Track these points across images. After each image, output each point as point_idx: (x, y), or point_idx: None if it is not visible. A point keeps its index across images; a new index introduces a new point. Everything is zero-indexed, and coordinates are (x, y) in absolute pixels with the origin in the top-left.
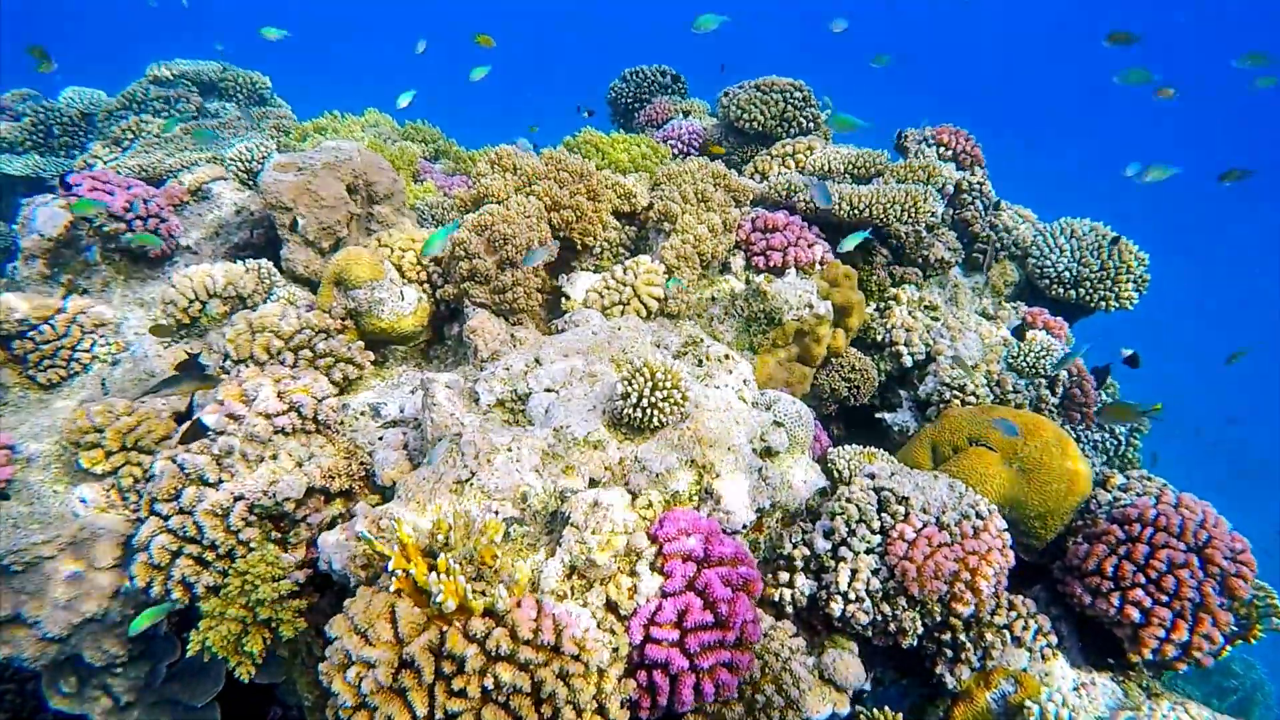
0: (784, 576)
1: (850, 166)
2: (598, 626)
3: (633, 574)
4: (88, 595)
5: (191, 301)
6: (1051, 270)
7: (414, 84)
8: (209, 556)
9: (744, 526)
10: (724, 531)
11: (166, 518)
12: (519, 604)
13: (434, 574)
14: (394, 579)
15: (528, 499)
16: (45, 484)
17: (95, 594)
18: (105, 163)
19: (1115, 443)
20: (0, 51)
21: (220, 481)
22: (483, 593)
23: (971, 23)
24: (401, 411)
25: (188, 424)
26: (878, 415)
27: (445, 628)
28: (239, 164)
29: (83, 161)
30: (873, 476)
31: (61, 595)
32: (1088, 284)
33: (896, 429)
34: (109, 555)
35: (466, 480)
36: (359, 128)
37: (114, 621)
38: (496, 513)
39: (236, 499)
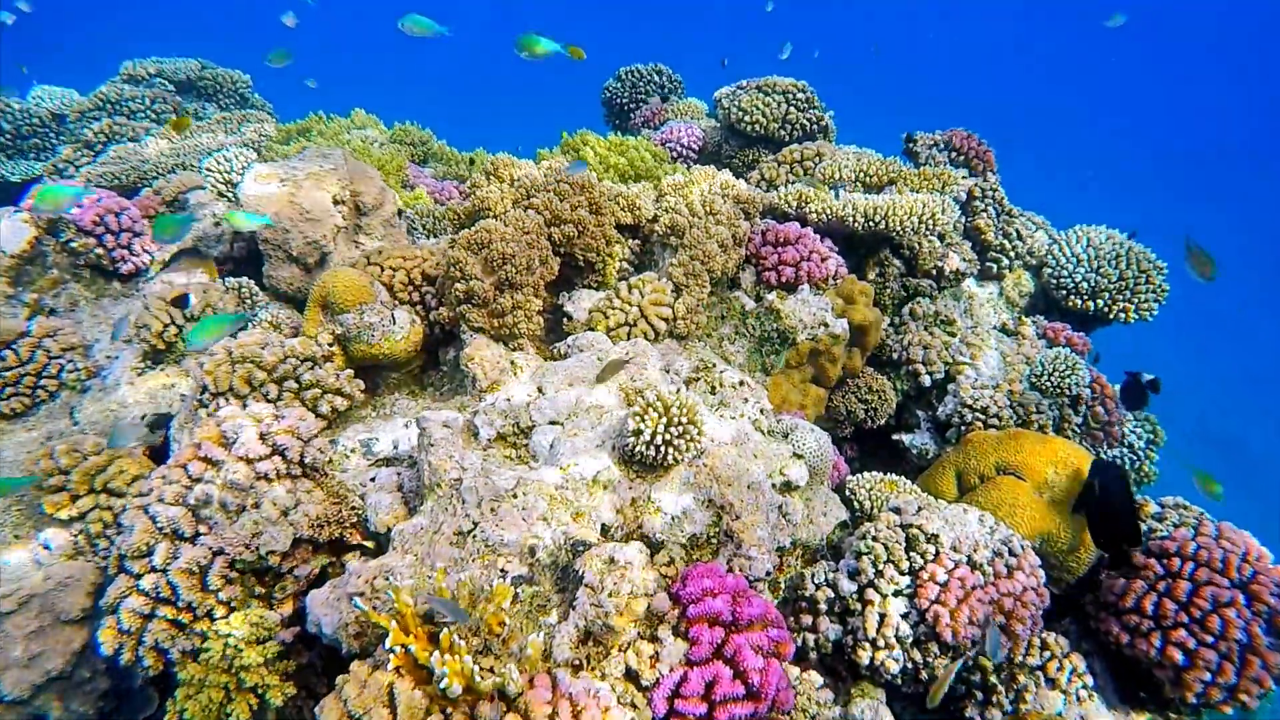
0: (806, 620)
1: (862, 175)
2: (617, 701)
3: (654, 639)
4: (52, 652)
5: (167, 326)
6: (1069, 281)
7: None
8: (185, 619)
9: (767, 574)
10: (746, 579)
11: (138, 576)
12: (531, 683)
13: (436, 652)
14: (392, 655)
15: (536, 553)
16: (6, 529)
17: (61, 650)
18: (77, 168)
19: (1134, 458)
20: None
21: (198, 535)
22: (491, 670)
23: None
24: (395, 448)
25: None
26: (894, 436)
27: (451, 711)
28: (217, 175)
29: (51, 166)
30: (899, 511)
31: (23, 653)
32: (1106, 295)
33: (915, 451)
34: (76, 607)
35: (469, 532)
36: (345, 130)
37: (82, 679)
38: (504, 572)
39: (215, 554)
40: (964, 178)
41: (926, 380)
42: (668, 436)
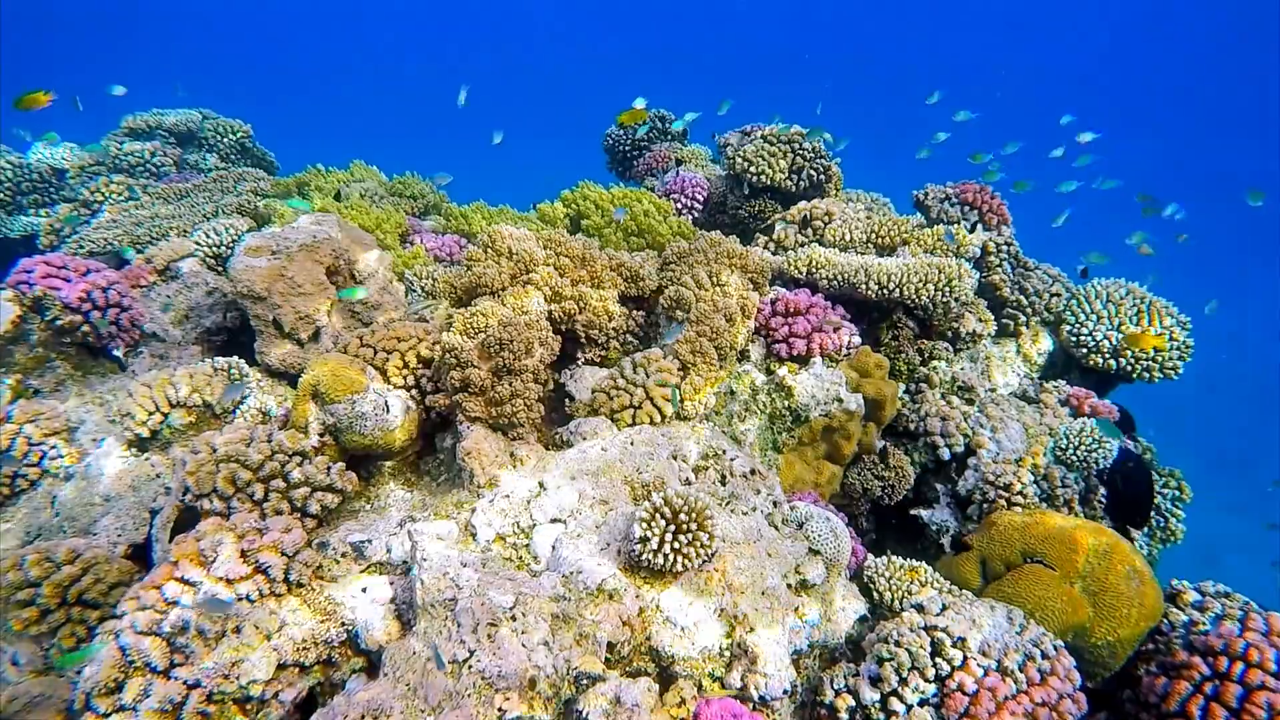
0: None
1: (873, 236)
2: None
3: None
4: None
5: (152, 414)
6: (1089, 339)
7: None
8: None
9: (784, 693)
10: (762, 699)
11: (105, 716)
12: None
13: None
14: None
15: (536, 685)
16: None
17: None
18: (74, 228)
19: (1160, 519)
20: None
21: (172, 665)
22: None
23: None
24: (389, 552)
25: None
26: (913, 512)
27: None
28: (206, 248)
29: (48, 225)
30: (921, 610)
31: None
32: (1129, 353)
33: (934, 528)
34: None
35: (464, 661)
36: (343, 183)
37: None
38: (502, 711)
39: (191, 688)
40: (980, 232)
41: (946, 453)
42: (677, 545)
